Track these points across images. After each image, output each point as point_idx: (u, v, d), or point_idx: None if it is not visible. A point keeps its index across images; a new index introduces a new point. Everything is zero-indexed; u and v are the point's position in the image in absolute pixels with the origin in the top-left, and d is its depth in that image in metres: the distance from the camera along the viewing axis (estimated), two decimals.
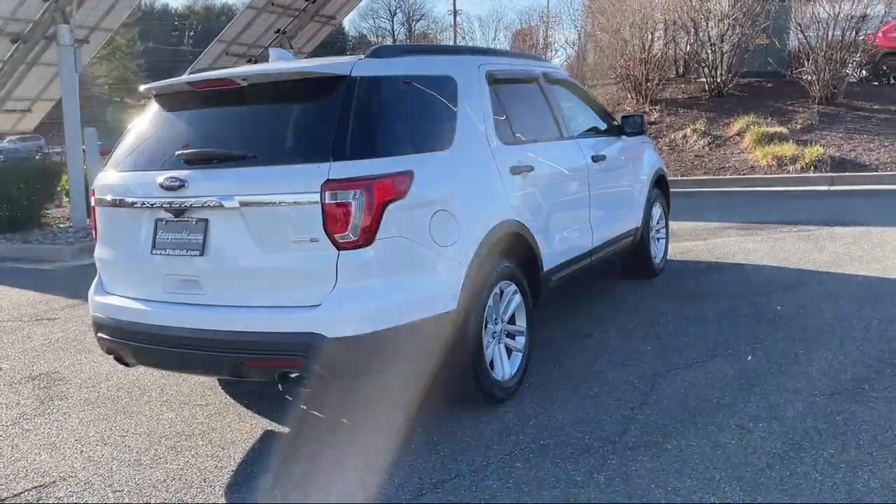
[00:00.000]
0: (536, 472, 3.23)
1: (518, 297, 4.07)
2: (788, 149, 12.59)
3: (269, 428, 3.90)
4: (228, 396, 4.37)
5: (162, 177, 3.42)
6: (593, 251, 5.11)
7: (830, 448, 3.23)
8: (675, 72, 17.29)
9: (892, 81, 17.68)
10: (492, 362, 3.86)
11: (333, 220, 3.14)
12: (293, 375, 3.24)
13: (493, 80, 4.27)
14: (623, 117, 5.71)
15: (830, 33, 14.59)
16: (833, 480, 2.97)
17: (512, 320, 4.07)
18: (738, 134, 14.15)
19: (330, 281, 3.19)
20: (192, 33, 70.17)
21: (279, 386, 3.52)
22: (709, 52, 15.48)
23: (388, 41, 70.24)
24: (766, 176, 12.42)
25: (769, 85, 16.48)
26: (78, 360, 5.23)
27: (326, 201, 3.13)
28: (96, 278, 3.94)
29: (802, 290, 5.76)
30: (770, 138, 13.26)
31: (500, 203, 3.94)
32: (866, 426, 3.43)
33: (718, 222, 8.93)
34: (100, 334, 3.77)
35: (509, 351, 4.04)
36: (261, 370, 3.34)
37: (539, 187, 4.34)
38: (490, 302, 3.80)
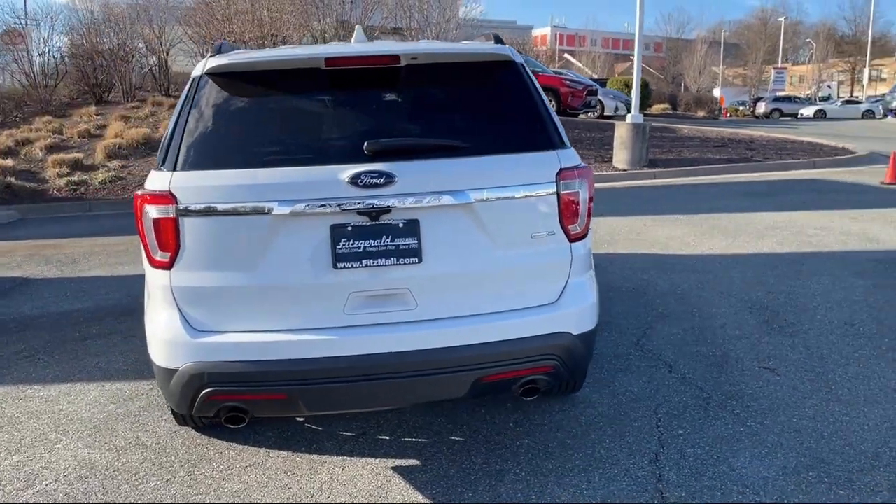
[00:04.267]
0: (704, 433, 3.54)
1: None
2: None
3: (395, 464, 3.35)
4: (289, 450, 3.53)
5: (348, 172, 2.73)
6: None
7: (843, 351, 4.28)
8: None
9: None
10: None
11: (567, 211, 2.98)
12: (535, 382, 2.96)
13: None
14: None
15: None
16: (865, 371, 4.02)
17: None
18: None
19: (564, 276, 3.02)
20: None
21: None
22: None
23: None
24: None
25: None
26: None
27: (561, 191, 2.96)
28: (174, 316, 2.84)
29: (625, 268, 6.84)
30: None
31: None
32: (830, 337, 4.59)
33: None
34: (213, 388, 2.76)
35: None
36: (502, 384, 2.93)
37: None
38: None
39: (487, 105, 3.07)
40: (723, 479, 3.13)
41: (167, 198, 2.78)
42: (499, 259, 2.90)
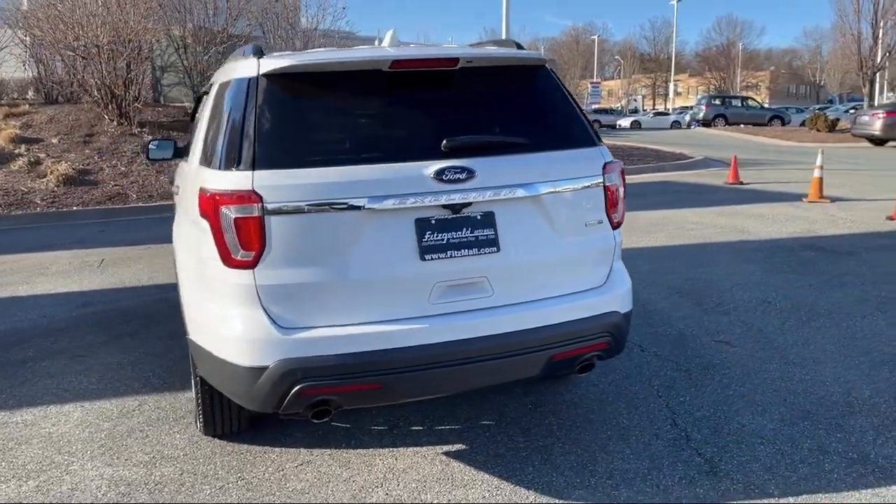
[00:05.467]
0: (703, 399, 3.97)
1: None
2: None
3: (445, 450, 3.48)
4: (331, 447, 3.55)
5: (432, 168, 2.86)
6: None
7: (774, 324, 4.91)
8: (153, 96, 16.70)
9: None
10: None
11: (611, 202, 3.28)
12: (590, 359, 3.23)
13: None
14: None
15: None
16: (800, 338, 4.67)
17: None
18: None
19: (609, 260, 3.31)
20: None
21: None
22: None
23: None
24: None
25: None
26: None
27: (606, 183, 3.26)
28: (258, 315, 2.80)
29: None
30: None
31: None
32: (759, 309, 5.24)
33: None
34: (307, 383, 2.77)
35: None
36: (568, 361, 3.15)
37: None
38: None
39: (535, 105, 3.31)
40: (739, 433, 3.56)
41: (251, 197, 2.76)
42: (561, 246, 3.14)
